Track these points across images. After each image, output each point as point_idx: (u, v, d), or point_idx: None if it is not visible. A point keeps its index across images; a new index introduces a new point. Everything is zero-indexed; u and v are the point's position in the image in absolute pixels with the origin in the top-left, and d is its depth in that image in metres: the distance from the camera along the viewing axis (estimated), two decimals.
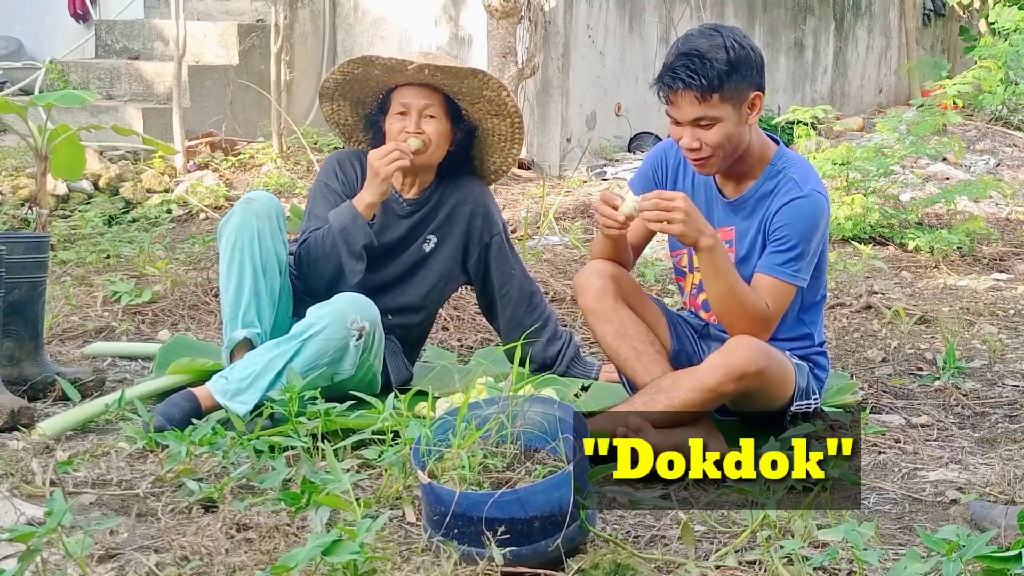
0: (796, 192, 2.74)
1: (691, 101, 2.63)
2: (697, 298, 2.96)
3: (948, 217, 5.90)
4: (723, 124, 2.65)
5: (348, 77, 3.08)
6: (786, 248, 2.72)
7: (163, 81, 6.95)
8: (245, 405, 2.72)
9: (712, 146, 2.67)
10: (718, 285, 2.69)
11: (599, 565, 1.96)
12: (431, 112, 3.01)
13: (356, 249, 2.96)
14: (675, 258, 3.02)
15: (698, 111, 2.64)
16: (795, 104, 7.28)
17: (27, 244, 3.05)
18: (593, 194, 6.46)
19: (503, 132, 3.15)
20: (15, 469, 2.43)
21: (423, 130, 3.00)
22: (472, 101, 3.07)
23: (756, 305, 2.70)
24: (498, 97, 3.05)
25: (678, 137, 2.71)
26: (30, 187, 5.36)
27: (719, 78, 2.61)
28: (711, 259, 2.66)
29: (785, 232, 2.72)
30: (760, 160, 2.80)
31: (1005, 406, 3.21)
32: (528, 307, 3.23)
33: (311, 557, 1.75)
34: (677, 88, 2.63)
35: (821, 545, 2.12)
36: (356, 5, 7.76)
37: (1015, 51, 7.23)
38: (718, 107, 2.63)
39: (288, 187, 6.09)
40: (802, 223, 2.73)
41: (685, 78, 2.61)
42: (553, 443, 2.19)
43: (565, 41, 7.13)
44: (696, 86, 2.61)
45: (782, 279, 2.73)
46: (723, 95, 2.62)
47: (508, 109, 3.09)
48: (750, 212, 2.81)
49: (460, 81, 3.00)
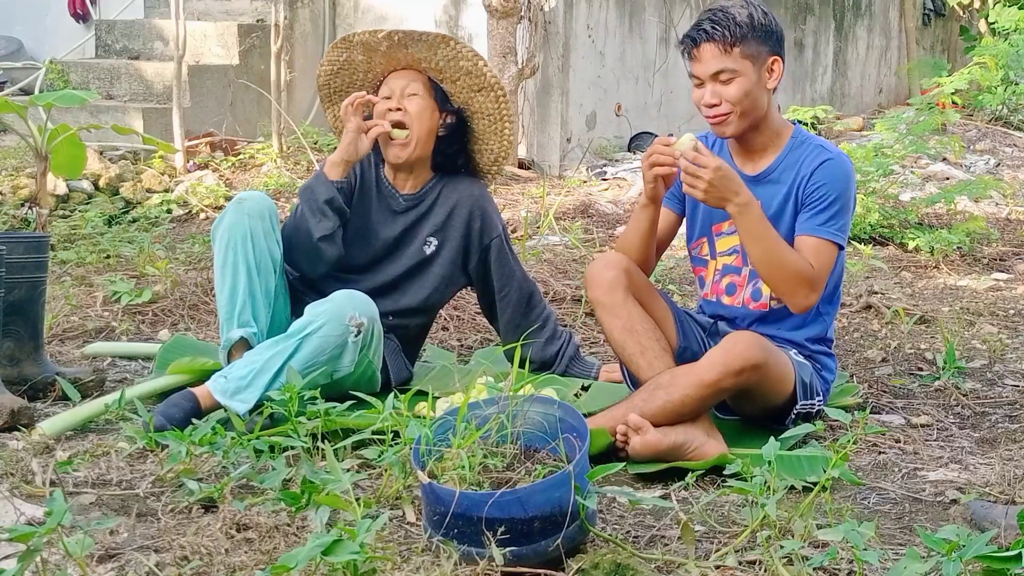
0: (827, 155, 2.85)
1: (714, 54, 2.76)
2: (721, 283, 2.98)
3: (948, 217, 5.90)
4: (742, 79, 2.77)
5: (335, 66, 3.15)
6: (825, 207, 2.79)
7: (163, 81, 6.95)
8: (245, 404, 2.73)
9: (732, 102, 2.77)
10: (757, 249, 2.75)
11: (599, 565, 1.96)
12: (412, 91, 3.07)
13: (318, 204, 2.99)
14: (694, 249, 3.04)
15: (720, 63, 2.76)
16: (795, 104, 7.30)
17: (27, 244, 3.05)
18: (593, 194, 6.46)
19: (490, 110, 3.15)
20: (15, 469, 2.43)
21: (403, 107, 3.05)
22: (453, 77, 3.09)
23: (800, 265, 2.75)
24: (476, 68, 3.07)
25: (699, 98, 2.82)
26: (30, 187, 5.36)
27: (741, 31, 2.76)
28: (744, 223, 2.72)
29: (823, 192, 2.80)
30: (779, 135, 2.90)
31: (1005, 406, 3.21)
32: (527, 308, 3.23)
33: (311, 557, 1.75)
34: (701, 40, 2.77)
35: (821, 545, 2.13)
36: (356, 5, 7.77)
37: (1015, 51, 7.23)
38: (739, 61, 2.76)
39: (288, 187, 6.09)
40: (839, 182, 2.81)
41: (709, 28, 2.76)
42: (553, 443, 2.19)
43: (565, 41, 7.13)
44: (719, 36, 2.75)
45: (825, 237, 2.79)
46: (743, 50, 2.76)
47: (488, 80, 3.10)
48: (776, 182, 2.87)
49: (433, 51, 3.04)
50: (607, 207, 6.06)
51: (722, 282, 2.98)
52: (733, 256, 2.95)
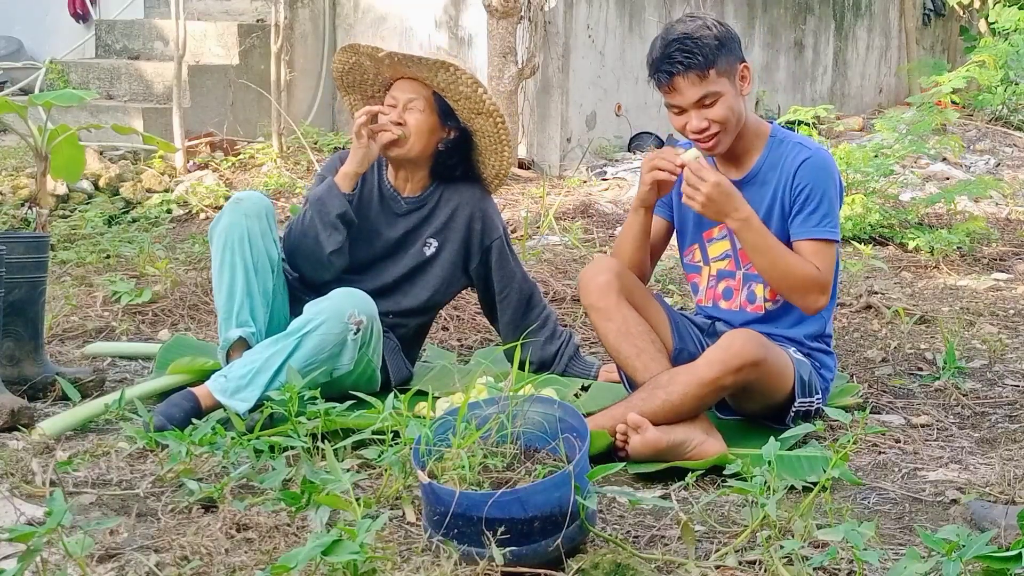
0: (806, 152, 2.85)
1: (693, 82, 2.72)
2: (717, 288, 2.98)
3: (948, 217, 5.90)
4: (724, 98, 2.75)
5: (346, 66, 3.16)
6: (815, 207, 2.81)
7: (163, 81, 6.95)
8: (245, 403, 2.73)
9: (719, 121, 2.76)
10: (762, 260, 2.77)
11: (599, 565, 1.96)
12: (415, 105, 3.06)
13: (330, 218, 2.99)
14: (687, 256, 3.04)
15: (700, 90, 2.73)
16: (795, 104, 7.29)
17: (27, 244, 3.05)
18: (593, 194, 6.46)
19: (489, 132, 3.15)
20: (15, 469, 2.43)
21: (404, 120, 3.04)
22: (454, 98, 3.09)
23: (806, 269, 2.77)
24: (474, 94, 3.06)
25: (682, 125, 2.79)
26: (30, 187, 5.36)
27: (712, 53, 2.72)
28: (745, 236, 2.75)
29: (809, 191, 2.81)
30: (757, 135, 2.90)
31: (1005, 406, 3.21)
32: (527, 308, 3.24)
33: (311, 557, 1.75)
34: (676, 72, 2.72)
35: (821, 545, 2.12)
36: (356, 5, 7.76)
37: (1015, 51, 7.23)
38: (717, 82, 2.74)
39: (288, 187, 6.09)
40: (822, 179, 2.82)
41: (683, 60, 2.71)
42: (553, 443, 2.19)
43: (565, 41, 7.13)
44: (695, 65, 2.71)
45: (823, 238, 2.81)
46: (718, 69, 2.73)
47: (486, 107, 3.08)
48: (762, 183, 2.88)
49: (433, 74, 3.03)
50: (607, 207, 6.06)
51: (718, 287, 2.98)
52: (726, 260, 2.95)
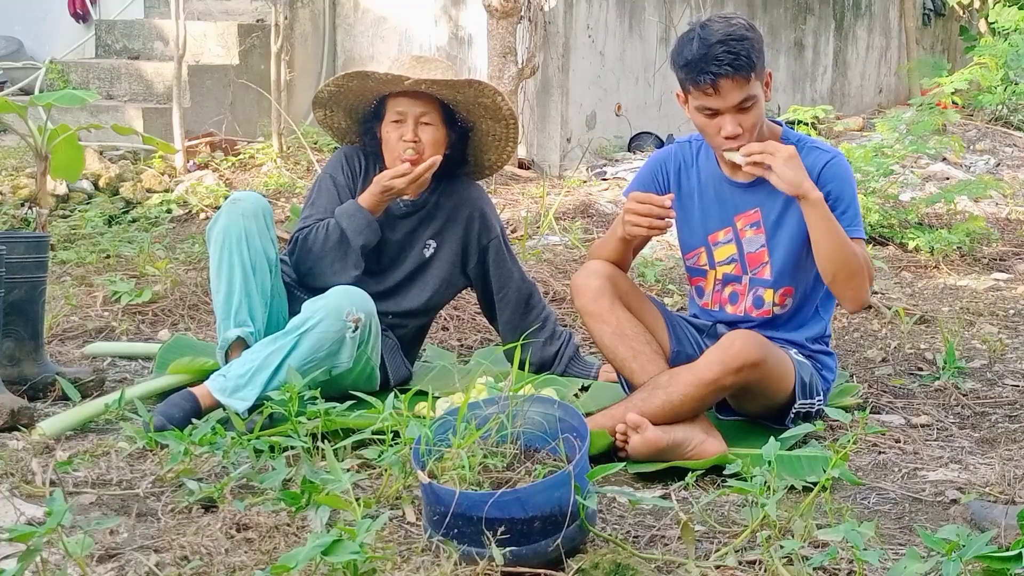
0: (826, 156, 2.84)
1: (738, 85, 2.67)
2: (723, 292, 2.96)
3: (948, 217, 5.90)
4: (759, 103, 2.73)
5: (343, 89, 3.09)
6: (845, 209, 2.79)
7: (163, 81, 6.94)
8: (245, 402, 2.73)
9: (750, 128, 2.73)
10: (830, 242, 2.71)
11: (599, 565, 1.96)
12: (427, 119, 3.04)
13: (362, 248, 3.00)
14: (690, 260, 3.01)
15: (742, 93, 2.68)
16: (795, 104, 7.28)
17: (27, 244, 3.05)
18: (593, 194, 6.46)
19: (498, 133, 3.17)
20: (15, 469, 2.43)
21: (419, 138, 3.02)
22: (468, 108, 3.08)
23: (866, 258, 2.77)
24: (494, 103, 3.07)
25: (716, 128, 2.72)
26: (30, 187, 5.36)
27: (757, 56, 2.69)
28: (820, 213, 2.69)
29: (838, 194, 2.79)
30: (771, 136, 2.85)
31: (1005, 406, 3.21)
32: (526, 308, 3.24)
33: (311, 557, 1.75)
34: (724, 75, 2.64)
35: (821, 545, 2.13)
36: (356, 5, 7.76)
37: (1015, 51, 7.23)
38: (755, 86, 2.71)
39: (288, 187, 6.09)
40: (847, 182, 2.83)
41: (733, 63, 2.64)
42: (553, 443, 2.19)
43: (565, 41, 7.13)
44: (742, 67, 2.65)
45: (856, 236, 2.79)
46: (756, 73, 2.70)
47: (504, 113, 3.11)
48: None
49: (457, 92, 3.02)
50: (607, 207, 6.06)
51: (724, 291, 2.96)
52: (732, 265, 2.94)
